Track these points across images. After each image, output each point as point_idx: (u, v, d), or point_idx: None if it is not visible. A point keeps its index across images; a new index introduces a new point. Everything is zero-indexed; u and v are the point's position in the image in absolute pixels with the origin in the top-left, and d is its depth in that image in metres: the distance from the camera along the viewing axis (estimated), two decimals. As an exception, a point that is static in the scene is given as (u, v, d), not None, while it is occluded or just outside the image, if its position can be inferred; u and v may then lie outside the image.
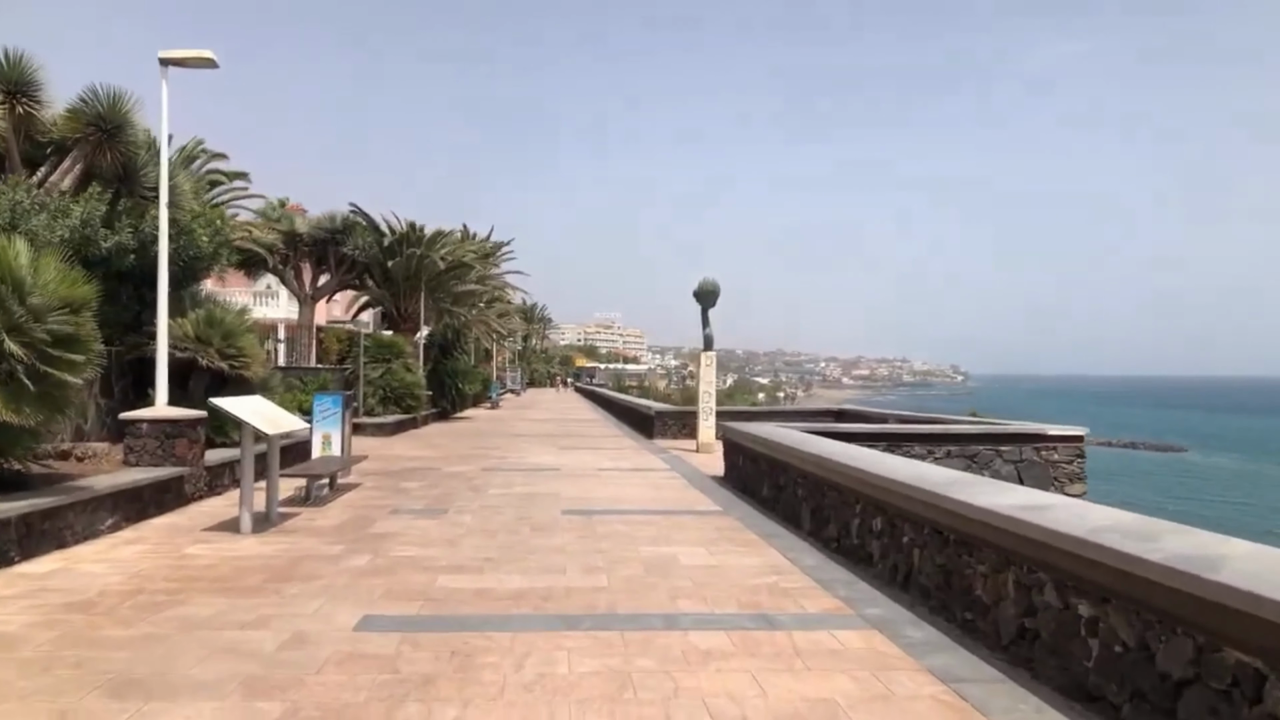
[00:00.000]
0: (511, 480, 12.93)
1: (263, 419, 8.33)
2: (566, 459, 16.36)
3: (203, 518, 9.21)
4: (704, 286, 18.52)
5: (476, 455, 17.00)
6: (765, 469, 10.75)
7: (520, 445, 19.58)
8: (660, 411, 22.48)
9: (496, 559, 7.41)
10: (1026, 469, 13.23)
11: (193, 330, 12.04)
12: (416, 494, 11.36)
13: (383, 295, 30.28)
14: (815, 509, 8.63)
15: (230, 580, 6.49)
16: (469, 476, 13.33)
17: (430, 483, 12.53)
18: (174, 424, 9.92)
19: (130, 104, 11.49)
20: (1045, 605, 4.59)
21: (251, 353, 12.36)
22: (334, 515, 9.56)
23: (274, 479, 9.03)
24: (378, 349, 26.17)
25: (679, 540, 8.35)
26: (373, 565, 7.09)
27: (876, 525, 7.00)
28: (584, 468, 14.83)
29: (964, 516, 5.40)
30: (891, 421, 19.33)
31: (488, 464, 15.30)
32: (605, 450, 18.56)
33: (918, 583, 6.17)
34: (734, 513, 10.10)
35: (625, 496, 11.39)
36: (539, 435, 23.26)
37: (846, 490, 7.70)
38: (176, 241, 12.57)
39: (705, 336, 18.63)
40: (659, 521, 9.40)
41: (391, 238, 28.58)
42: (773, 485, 10.41)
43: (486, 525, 9.06)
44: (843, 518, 7.79)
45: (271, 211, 27.72)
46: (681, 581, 6.66)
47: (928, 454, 13.14)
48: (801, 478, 9.13)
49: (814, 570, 7.12)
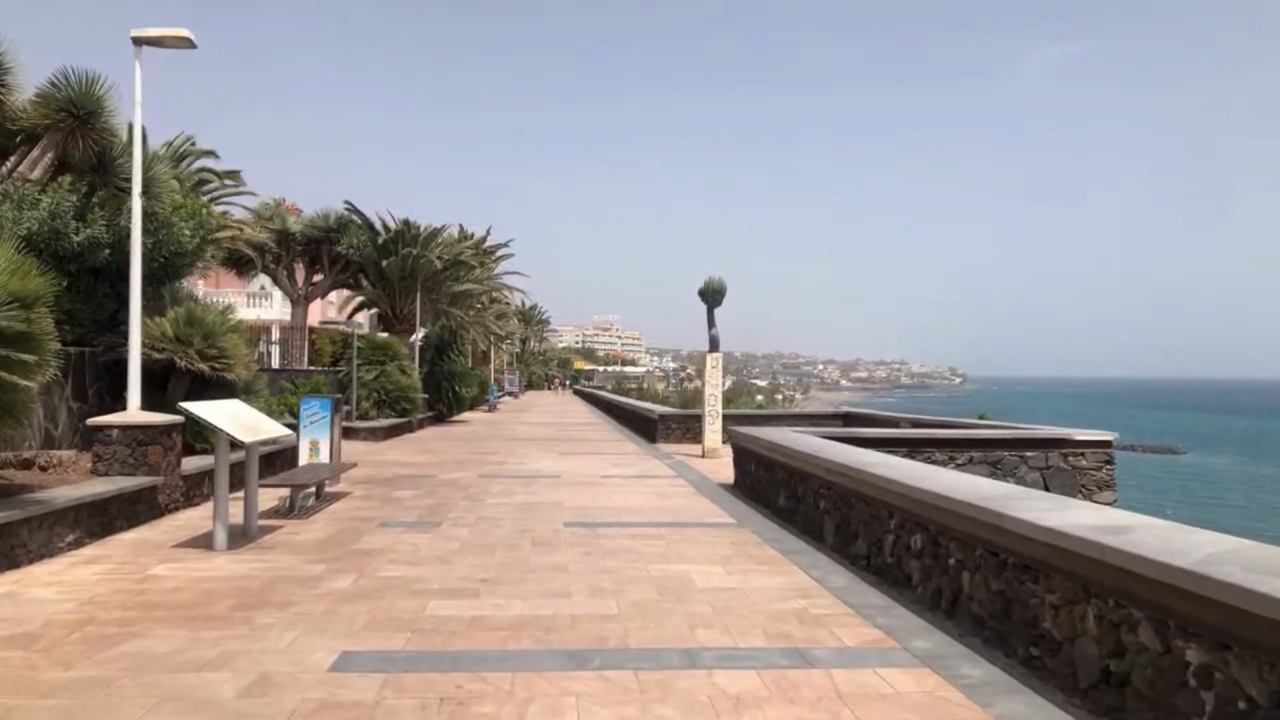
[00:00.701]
0: (510, 488, 12.23)
1: (239, 425, 7.63)
2: (567, 465, 15.67)
3: (176, 532, 8.51)
4: (710, 285, 17.83)
5: (473, 461, 16.31)
6: (781, 477, 10.06)
7: (519, 450, 18.89)
8: (664, 415, 21.79)
9: (494, 580, 6.72)
10: (1053, 476, 12.55)
11: (171, 330, 11.34)
12: (409, 504, 10.67)
13: (377, 295, 29.57)
14: (841, 523, 7.95)
15: (195, 607, 5.79)
16: (465, 484, 12.63)
17: (424, 491, 11.83)
18: (147, 430, 9.22)
19: (104, 88, 10.79)
20: (1139, 647, 3.90)
21: (235, 354, 11.66)
22: (318, 528, 8.87)
23: (252, 490, 8.33)
24: (372, 350, 25.46)
25: (692, 557, 7.67)
26: (357, 588, 6.40)
27: (916, 543, 6.31)
28: (586, 474, 14.14)
29: (1027, 538, 4.72)
30: (904, 425, 18.67)
31: (485, 470, 14.61)
32: (607, 455, 17.86)
33: (968, 610, 5.49)
34: (749, 525, 9.42)
35: (631, 506, 10.70)
36: (538, 439, 22.57)
37: (879, 503, 7.02)
38: (155, 235, 11.89)
39: (711, 337, 17.94)
40: (668, 535, 8.71)
41: (386, 236, 27.87)
42: (790, 495, 9.72)
43: (483, 540, 8.37)
44: (874, 533, 7.11)
45: (265, 210, 27.02)
46: (699, 606, 5.98)
47: (949, 460, 12.48)
48: (825, 488, 8.45)
49: (845, 593, 6.43)
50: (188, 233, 12.37)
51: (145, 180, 11.29)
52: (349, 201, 27.84)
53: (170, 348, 11.16)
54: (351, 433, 21.19)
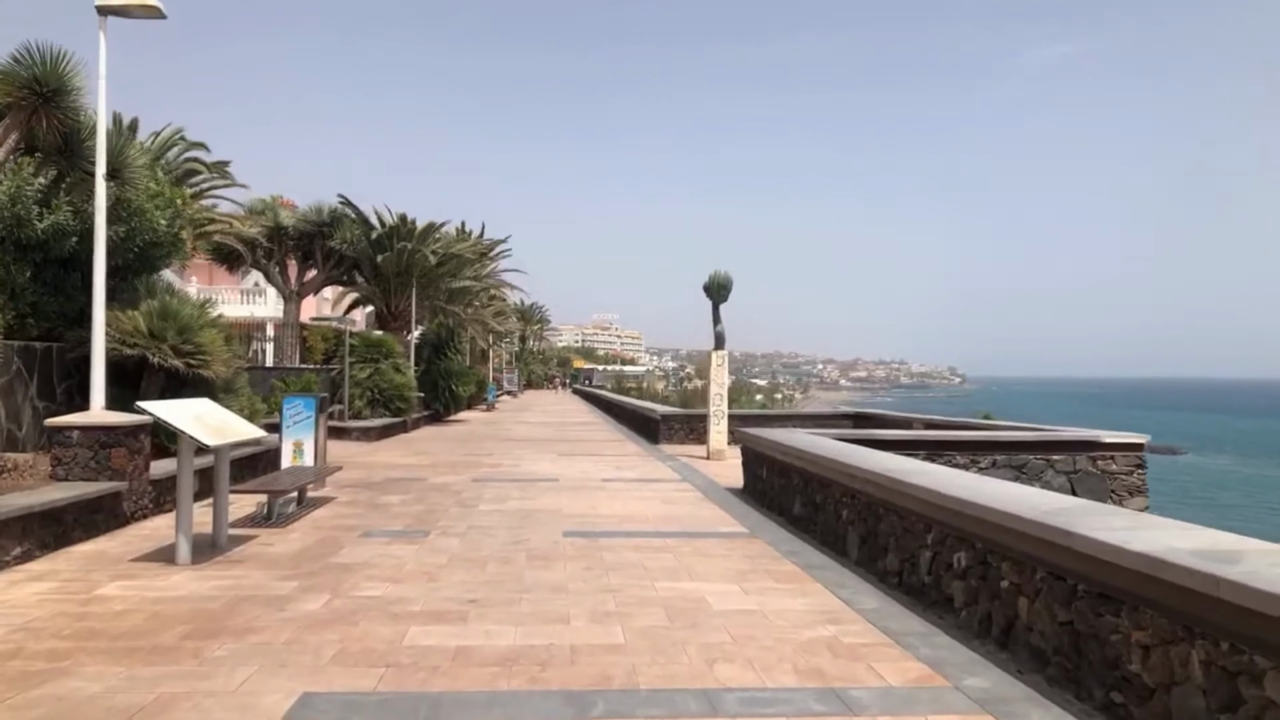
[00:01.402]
0: (505, 494, 11.51)
1: (204, 426, 6.91)
2: (566, 468, 14.95)
3: (139, 543, 7.79)
4: (715, 280, 17.08)
5: (468, 463, 15.59)
6: (797, 483, 9.35)
7: (516, 452, 18.17)
8: (666, 415, 21.06)
9: (484, 600, 6.00)
10: (1081, 480, 11.84)
11: (144, 324, 10.62)
12: (396, 511, 9.95)
13: (372, 292, 28.82)
14: (867, 535, 7.23)
15: (140, 636, 5.06)
16: (457, 489, 11.91)
17: (413, 496, 11.11)
18: (111, 431, 8.49)
19: (70, 64, 10.05)
20: (1264, 703, 3.19)
21: (212, 350, 10.95)
22: (295, 539, 8.15)
23: (221, 498, 7.61)
24: (366, 348, 24.72)
25: (704, 573, 6.95)
26: (329, 610, 5.68)
27: (959, 561, 5.60)
28: (586, 478, 13.42)
29: (1108, 563, 4.01)
30: (917, 426, 17.95)
31: (479, 474, 13.89)
32: (608, 457, 17.14)
33: (1025, 642, 4.77)
34: (763, 535, 8.70)
35: (634, 514, 9.98)
36: (536, 440, 21.85)
37: (913, 515, 6.30)
38: (128, 224, 11.16)
39: (716, 334, 17.19)
40: (677, 547, 7.99)
41: (381, 230, 27.11)
42: (807, 502, 9.01)
43: (474, 552, 7.65)
44: (907, 548, 6.39)
45: (258, 205, 26.27)
46: (716, 635, 5.26)
47: (970, 463, 11.77)
48: (848, 497, 7.73)
49: (878, 617, 5.72)
50: (163, 222, 11.64)
51: (115, 164, 10.59)
52: (343, 195, 27.13)
53: (142, 343, 10.44)
54: (343, 433, 20.48)
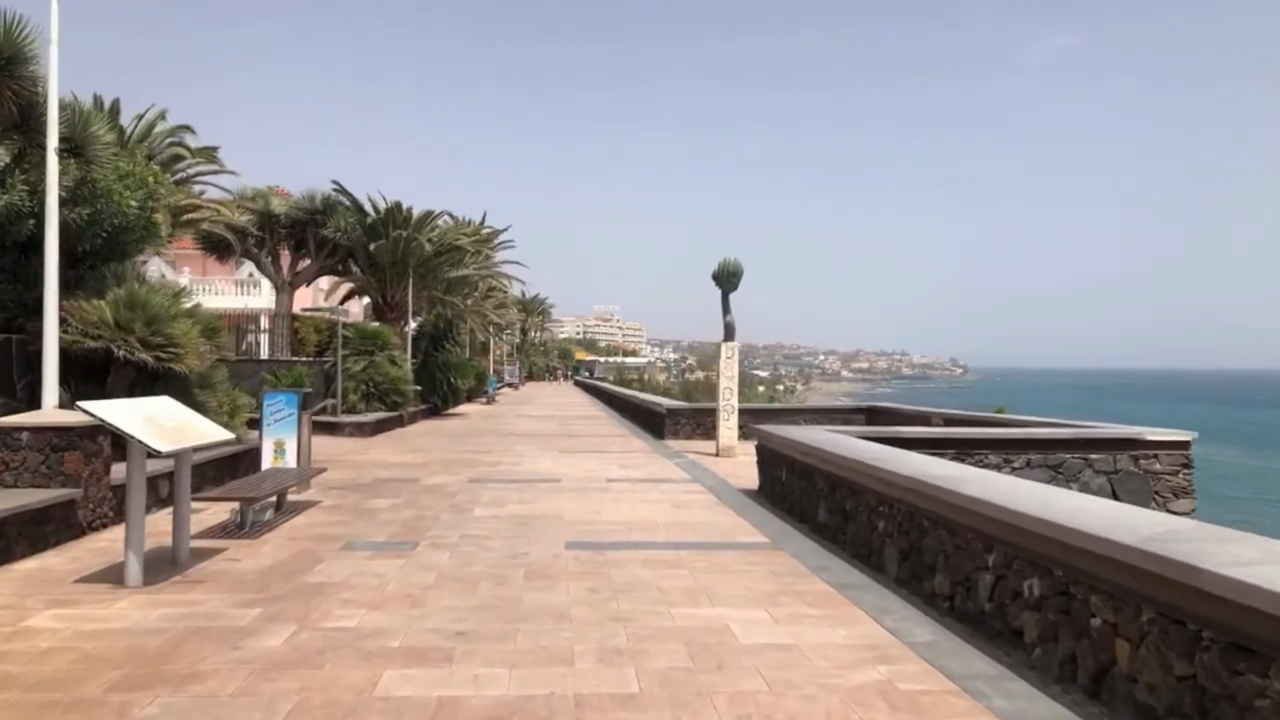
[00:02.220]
0: (503, 496, 10.69)
1: (156, 429, 6.07)
2: (568, 466, 14.13)
3: (90, 559, 6.96)
4: (724, 268, 16.21)
5: (464, 461, 14.76)
6: (822, 488, 8.51)
7: (516, 448, 17.35)
8: (672, 409, 20.21)
9: (474, 633, 5.18)
10: (1122, 481, 11.01)
11: (110, 314, 9.79)
12: (383, 517, 9.12)
13: (367, 282, 27.95)
14: (909, 550, 6.40)
15: (62, 685, 4.24)
16: (452, 491, 11.09)
17: (404, 500, 10.29)
18: (64, 432, 7.66)
19: (28, 31, 9.19)
20: None
21: (185, 342, 10.11)
22: (268, 552, 7.32)
23: (182, 508, 6.79)
24: (360, 340, 23.90)
25: (727, 595, 6.12)
26: (292, 647, 4.85)
27: (1031, 590, 4.76)
28: (589, 478, 12.60)
29: (1253, 609, 3.18)
30: (936, 421, 17.12)
31: (476, 473, 13.06)
32: (612, 454, 16.32)
33: (1128, 695, 3.94)
34: (786, 546, 7.87)
35: (643, 520, 9.15)
36: (537, 435, 21.02)
37: (968, 530, 5.47)
38: (92, 205, 10.31)
39: (726, 324, 16.33)
40: (693, 561, 7.17)
41: (375, 217, 26.21)
42: (834, 509, 8.17)
43: (466, 568, 6.83)
44: (961, 569, 5.56)
45: (248, 192, 25.39)
46: (748, 680, 4.43)
47: (1004, 463, 10.95)
48: (884, 505, 6.90)
49: (934, 652, 4.89)
50: (134, 204, 10.78)
51: (79, 140, 9.76)
52: (336, 181, 26.24)
53: (107, 335, 9.61)
54: (335, 429, 19.68)
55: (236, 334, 31.73)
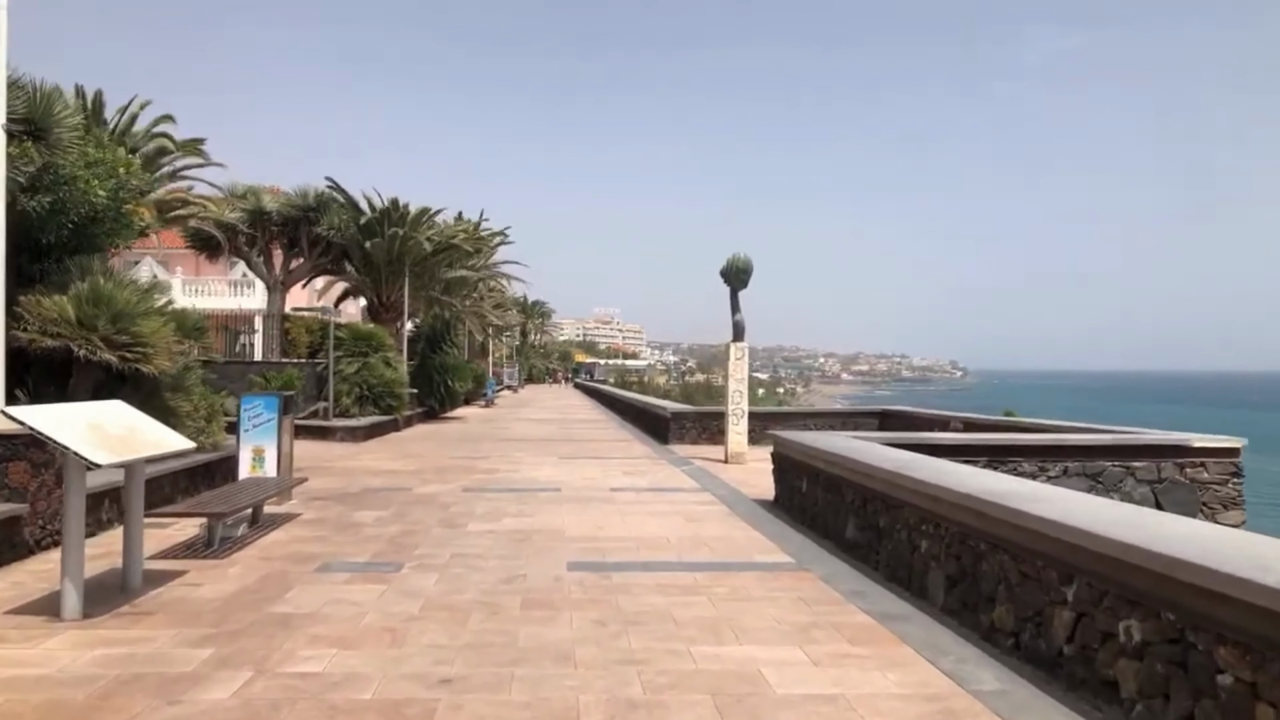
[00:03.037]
0: (500, 508, 9.90)
1: (98, 438, 5.28)
2: (569, 473, 13.33)
3: (32, 583, 6.16)
4: (733, 264, 15.41)
5: (460, 468, 13.97)
6: (852, 501, 7.72)
7: (514, 454, 16.55)
8: (677, 413, 19.41)
9: (462, 680, 4.38)
10: (1166, 491, 10.22)
11: (72, 310, 9.00)
12: (368, 532, 8.33)
13: (362, 281, 27.15)
14: (960, 575, 5.61)
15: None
16: (445, 502, 10.29)
17: (392, 513, 9.50)
18: (8, 441, 6.87)
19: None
20: None
21: (155, 341, 9.32)
22: (234, 575, 6.53)
23: (133, 527, 6.00)
24: (354, 341, 23.09)
25: (753, 628, 5.33)
26: (242, 701, 4.06)
27: (1130, 634, 3.97)
28: (592, 487, 11.80)
29: None
30: (955, 425, 16.33)
31: (472, 481, 12.27)
32: (615, 460, 15.53)
33: (1274, 775, 3.15)
34: (814, 567, 7.08)
35: (652, 536, 8.36)
36: (537, 440, 20.23)
37: (1039, 556, 4.68)
38: (54, 193, 9.53)
39: (735, 324, 15.53)
40: (711, 586, 6.38)
41: (371, 215, 25.42)
42: (865, 525, 7.38)
43: (455, 596, 6.04)
44: (1031, 602, 4.76)
45: (238, 188, 24.62)
46: (792, 745, 3.64)
47: (1039, 471, 10.17)
48: (928, 524, 6.11)
49: (1007, 706, 4.10)
50: (103, 193, 10.00)
51: (39, 122, 9.03)
52: (330, 178, 25.46)
53: (67, 333, 8.82)
54: (327, 433, 18.89)
55: (229, 335, 30.98)
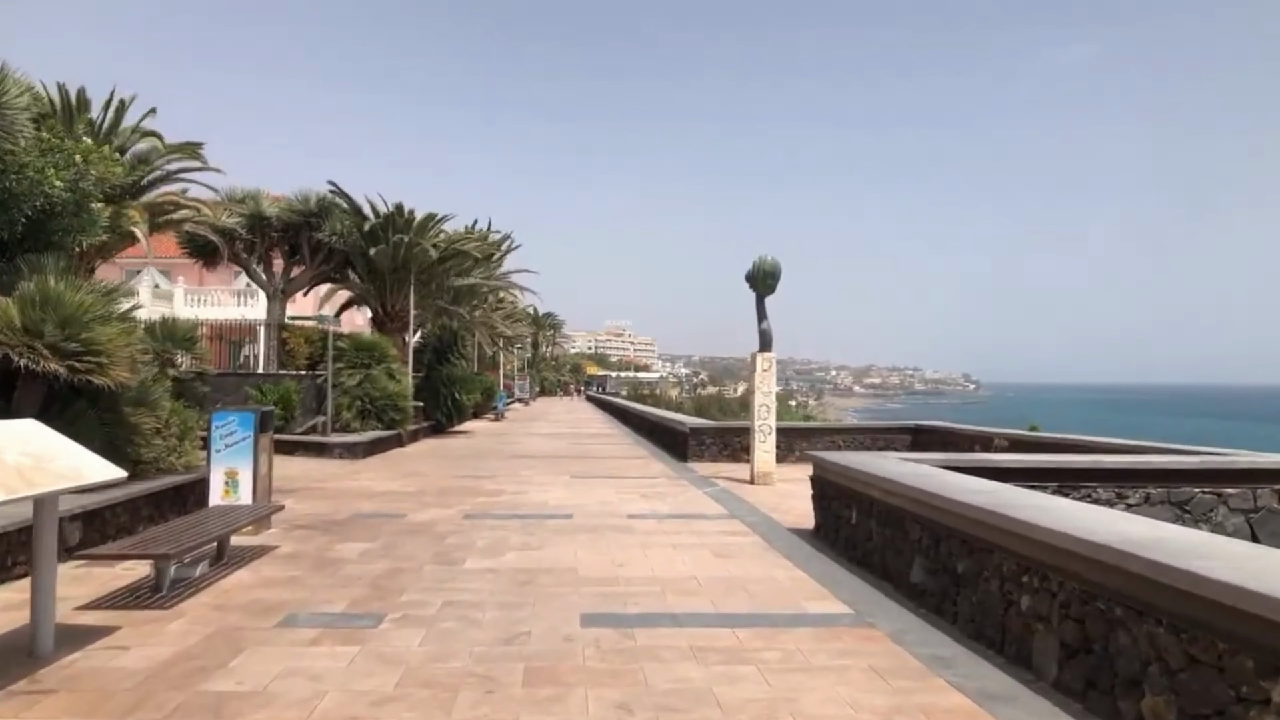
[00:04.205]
0: (503, 539, 8.72)
1: (-14, 470, 4.13)
2: (582, 496, 12.14)
3: (-78, 645, 5.03)
4: (760, 268, 14.18)
5: (463, 489, 12.79)
6: (920, 539, 6.50)
7: (522, 472, 15.38)
8: (696, 428, 18.19)
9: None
10: (1263, 522, 8.94)
11: (17, 314, 7.88)
12: (349, 571, 7.16)
13: (365, 290, 26.07)
14: (1080, 645, 4.38)
15: None
16: (442, 532, 9.11)
17: (381, 545, 8.33)
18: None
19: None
20: None
21: (111, 350, 8.20)
22: (173, 633, 5.36)
23: (42, 576, 4.85)
24: (356, 352, 22.00)
25: (821, 715, 4.12)
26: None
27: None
28: (607, 512, 10.61)
29: None
30: (999, 442, 15.06)
31: (475, 506, 11.09)
32: (631, 480, 14.33)
33: None
34: (879, 620, 5.86)
35: (679, 576, 7.15)
36: (547, 456, 19.05)
37: (1214, 633, 3.46)
38: (2, 182, 8.45)
39: (761, 332, 14.30)
40: (758, 648, 5.17)
41: (375, 221, 24.37)
42: (937, 569, 6.16)
43: (442, 664, 4.85)
44: (1205, 696, 3.53)
45: (237, 193, 23.61)
46: None
47: (1116, 498, 8.92)
48: (1033, 575, 4.88)
49: None
50: (59, 184, 8.92)
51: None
52: (333, 182, 24.42)
53: (7, 339, 7.69)
54: (324, 449, 17.76)
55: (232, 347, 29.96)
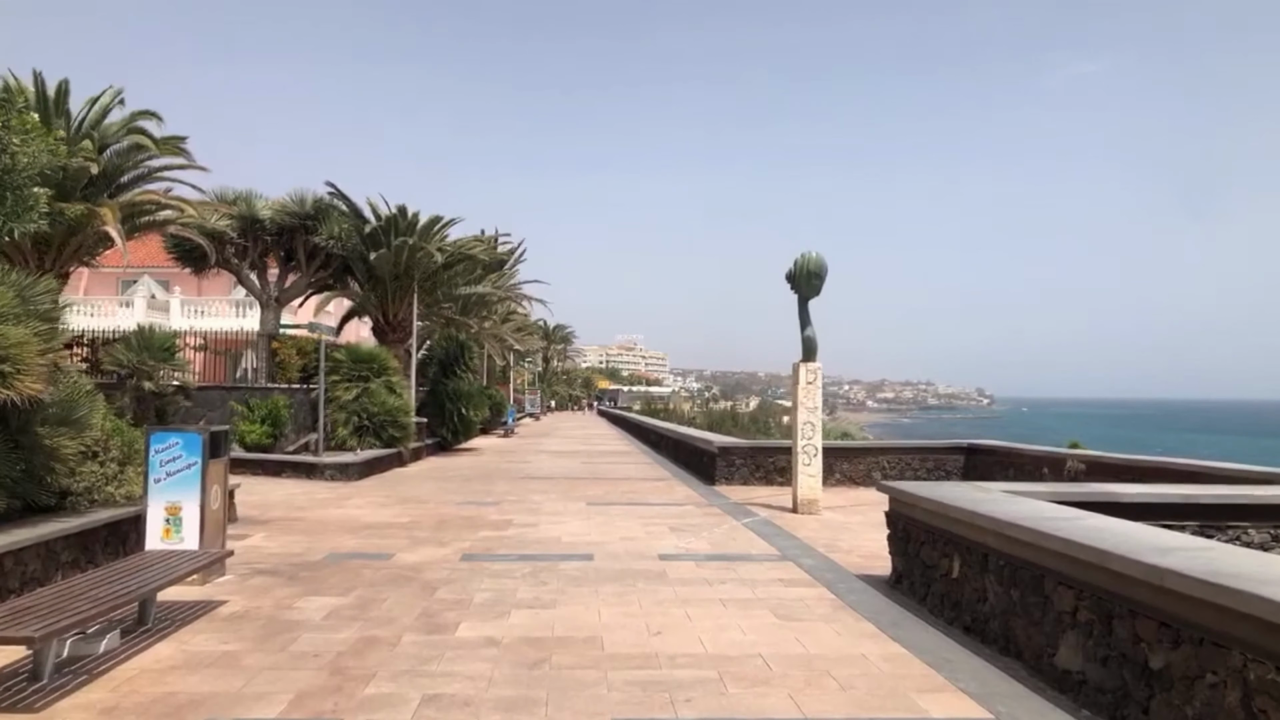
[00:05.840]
0: (509, 592, 7.00)
1: None
2: (602, 529, 10.42)
3: None
4: (802, 267, 12.41)
5: (463, 520, 11.09)
6: (1074, 613, 4.74)
7: (533, 497, 13.67)
8: (725, 447, 16.41)
9: None
10: None
11: (-103, 311, 6.25)
12: (305, 645, 5.47)
13: (365, 298, 24.46)
14: None
15: None
16: (433, 581, 7.40)
17: (355, 601, 6.63)
18: None
19: None
20: None
21: (20, 357, 6.55)
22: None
23: None
24: (353, 364, 20.36)
25: None
26: None
27: None
28: (634, 552, 8.88)
29: None
30: (1073, 464, 13.28)
31: (476, 542, 9.39)
32: (656, 508, 12.58)
33: None
34: (1038, 736, 4.12)
35: (739, 652, 5.42)
36: (559, 478, 17.34)
37: None
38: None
39: (804, 340, 12.54)
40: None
41: (375, 224, 22.78)
42: (1103, 654, 4.42)
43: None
44: None
45: (228, 194, 22.10)
46: None
47: (1272, 540, 7.17)
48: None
49: None
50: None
51: None
52: (331, 183, 22.87)
53: (-123, 341, 6.06)
54: (313, 470, 16.10)
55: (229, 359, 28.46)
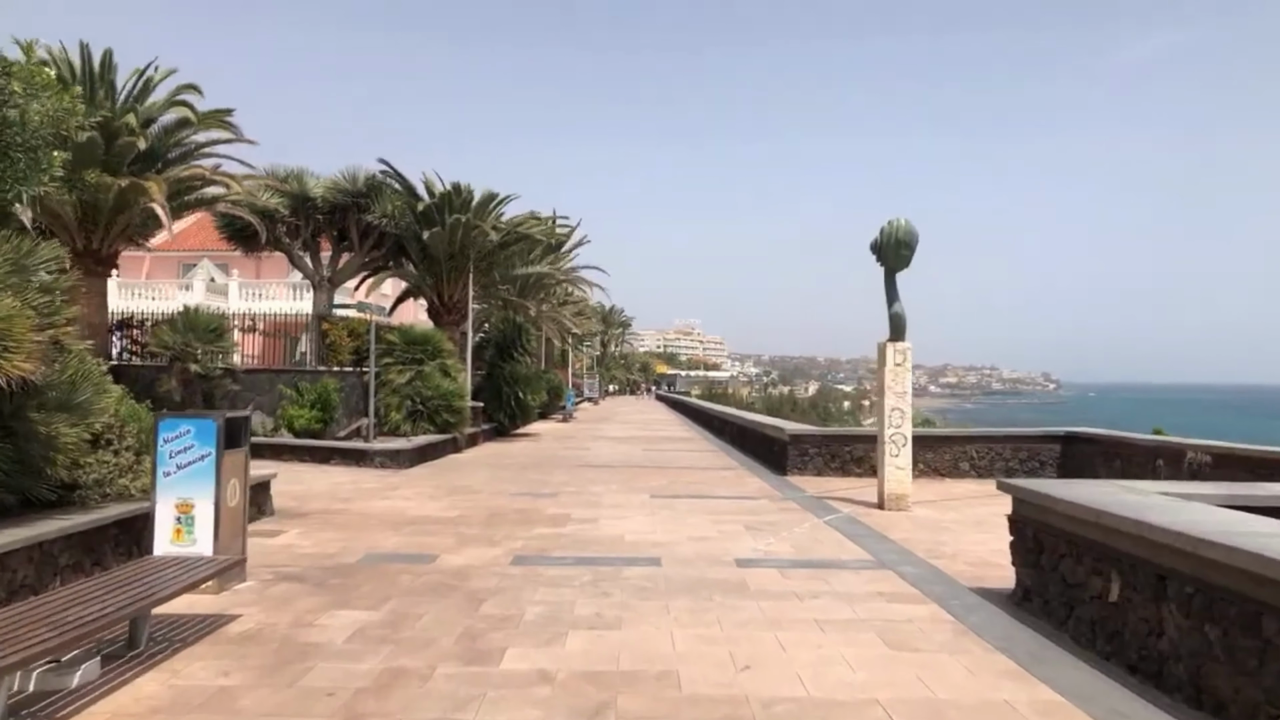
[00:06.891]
0: (566, 606, 6.00)
1: None
2: (669, 527, 9.38)
3: None
4: (890, 235, 11.13)
5: (517, 514, 10.16)
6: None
7: (592, 488, 12.70)
8: (796, 435, 15.24)
9: None
10: None
11: None
12: (320, 677, 4.53)
13: (420, 278, 23.76)
14: None
15: None
16: (479, 591, 6.44)
17: (386, 617, 5.69)
18: None
19: None
20: None
21: (10, 332, 5.73)
22: None
23: None
24: (406, 346, 19.65)
25: None
26: None
27: None
28: (707, 556, 7.82)
29: None
30: (1194, 455, 11.78)
31: (530, 541, 8.43)
32: (726, 501, 11.51)
33: None
34: None
35: (848, 696, 4.32)
36: (620, 466, 16.37)
37: None
38: None
39: (892, 316, 11.28)
40: None
41: (429, 201, 22.01)
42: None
43: None
44: None
45: (279, 171, 21.53)
46: None
47: None
48: None
49: None
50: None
51: None
52: (384, 159, 22.23)
53: None
54: (361, 457, 15.36)
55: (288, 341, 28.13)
